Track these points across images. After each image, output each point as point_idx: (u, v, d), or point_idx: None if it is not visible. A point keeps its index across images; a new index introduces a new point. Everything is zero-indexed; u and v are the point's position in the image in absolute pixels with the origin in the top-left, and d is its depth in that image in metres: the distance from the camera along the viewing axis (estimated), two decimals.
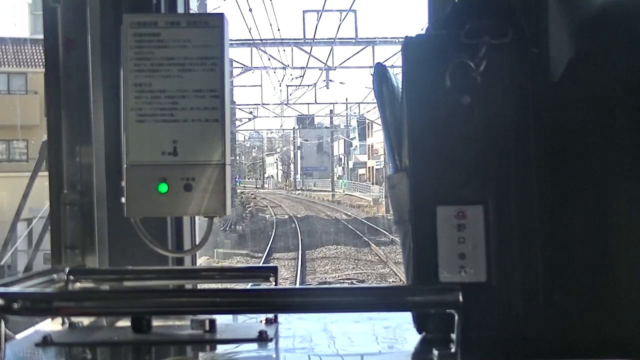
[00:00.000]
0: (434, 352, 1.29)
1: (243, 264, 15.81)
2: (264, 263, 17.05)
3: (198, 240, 2.09)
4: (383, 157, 42.95)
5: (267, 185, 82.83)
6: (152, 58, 1.66)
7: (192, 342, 1.55)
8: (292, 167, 77.21)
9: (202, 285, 1.84)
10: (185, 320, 1.57)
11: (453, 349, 1.27)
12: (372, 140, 60.70)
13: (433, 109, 1.43)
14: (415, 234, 1.44)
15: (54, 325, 1.62)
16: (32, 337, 1.53)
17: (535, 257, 1.39)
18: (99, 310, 1.42)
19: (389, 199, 1.62)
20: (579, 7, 1.43)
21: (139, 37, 1.66)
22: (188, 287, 1.85)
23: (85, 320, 1.64)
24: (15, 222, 2.34)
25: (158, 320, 1.58)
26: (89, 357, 1.49)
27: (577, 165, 1.40)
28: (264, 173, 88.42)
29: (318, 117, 64.27)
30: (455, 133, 1.42)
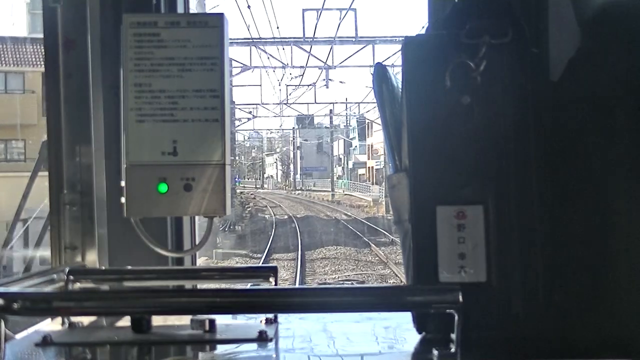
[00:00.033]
0: (434, 352, 1.29)
1: (242, 264, 15.81)
2: (263, 264, 17.01)
3: (198, 240, 2.09)
4: (383, 157, 42.94)
5: (266, 186, 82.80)
6: (152, 58, 1.66)
7: (192, 342, 1.55)
8: (291, 167, 77.19)
9: (201, 285, 1.84)
10: (185, 320, 1.57)
11: (453, 349, 1.27)
12: (371, 140, 60.68)
13: (433, 109, 1.43)
14: (415, 234, 1.44)
15: (54, 325, 1.62)
16: (32, 337, 1.53)
17: (535, 257, 1.39)
18: (99, 310, 1.42)
19: (389, 199, 1.62)
20: (579, 7, 1.43)
21: (139, 37, 1.66)
22: (188, 287, 1.85)
23: (85, 320, 1.64)
24: (15, 222, 2.34)
25: (158, 320, 1.58)
26: (89, 357, 1.49)
27: (577, 165, 1.40)
28: (264, 173, 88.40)
29: (318, 116, 64.38)
30: (455, 133, 1.42)
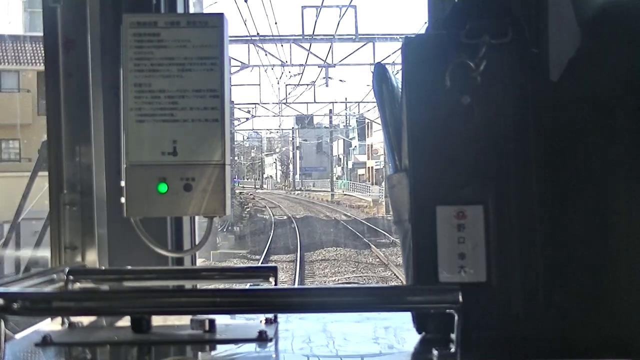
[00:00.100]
0: (434, 352, 1.29)
1: (242, 264, 15.80)
2: None
3: (198, 241, 2.09)
4: (383, 157, 42.91)
5: (265, 186, 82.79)
6: (151, 58, 1.66)
7: (191, 342, 1.55)
8: (291, 167, 77.19)
9: (201, 285, 1.84)
10: (185, 320, 1.57)
11: (453, 349, 1.27)
12: (371, 140, 60.69)
13: (433, 109, 1.43)
14: (415, 234, 1.44)
15: (54, 325, 1.62)
16: (31, 337, 1.53)
17: (535, 257, 1.39)
18: (99, 310, 1.42)
19: (389, 199, 1.62)
20: (579, 7, 1.43)
21: (139, 37, 1.66)
22: (188, 287, 1.85)
23: (85, 320, 1.64)
24: (15, 222, 2.34)
25: (158, 320, 1.58)
26: (89, 357, 1.49)
27: (577, 165, 1.40)
28: (263, 173, 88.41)
29: (317, 116, 64.31)
30: (455, 133, 1.42)
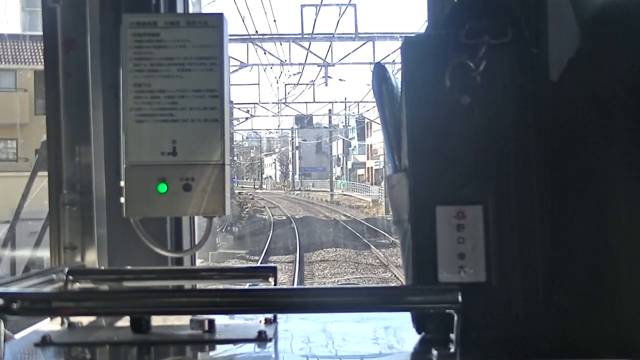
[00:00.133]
0: (433, 352, 1.29)
1: (241, 264, 15.79)
2: None
3: (197, 241, 2.08)
4: (382, 157, 42.89)
5: (265, 186, 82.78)
6: (151, 58, 1.66)
7: (191, 342, 1.55)
8: (290, 167, 77.20)
9: (201, 285, 1.84)
10: (185, 321, 1.57)
11: (452, 349, 1.27)
12: (371, 140, 60.68)
13: (432, 109, 1.43)
14: (415, 234, 1.44)
15: (53, 325, 1.62)
16: (31, 337, 1.53)
17: (535, 257, 1.39)
18: (98, 311, 1.42)
19: (389, 199, 1.62)
20: (579, 7, 1.43)
21: (139, 37, 1.66)
22: (187, 287, 1.85)
23: (85, 320, 1.64)
24: (15, 222, 2.34)
25: (157, 320, 1.58)
26: (88, 357, 1.49)
27: (577, 165, 1.40)
28: (262, 173, 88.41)
29: (317, 116, 64.45)
30: (455, 133, 1.42)
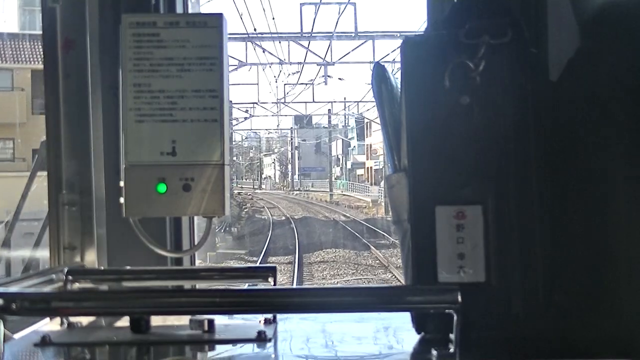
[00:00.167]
0: (433, 352, 1.29)
1: (241, 264, 15.78)
2: None
3: (197, 241, 2.08)
4: (382, 157, 42.88)
5: (264, 186, 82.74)
6: (151, 58, 1.66)
7: (190, 342, 1.55)
8: (289, 167, 77.18)
9: (200, 285, 1.84)
10: (184, 321, 1.57)
11: (452, 349, 1.27)
12: (370, 140, 60.69)
13: (432, 109, 1.43)
14: (414, 234, 1.44)
15: (53, 326, 1.62)
16: (30, 337, 1.53)
17: (535, 257, 1.39)
18: (98, 311, 1.42)
19: (388, 199, 1.62)
20: (579, 7, 1.43)
21: (138, 37, 1.66)
22: (187, 287, 1.85)
23: (84, 321, 1.64)
24: (14, 222, 2.34)
25: (157, 321, 1.58)
26: (88, 357, 1.49)
27: (577, 165, 1.40)
28: (262, 173, 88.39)
29: (316, 116, 64.39)
30: (455, 133, 1.42)
